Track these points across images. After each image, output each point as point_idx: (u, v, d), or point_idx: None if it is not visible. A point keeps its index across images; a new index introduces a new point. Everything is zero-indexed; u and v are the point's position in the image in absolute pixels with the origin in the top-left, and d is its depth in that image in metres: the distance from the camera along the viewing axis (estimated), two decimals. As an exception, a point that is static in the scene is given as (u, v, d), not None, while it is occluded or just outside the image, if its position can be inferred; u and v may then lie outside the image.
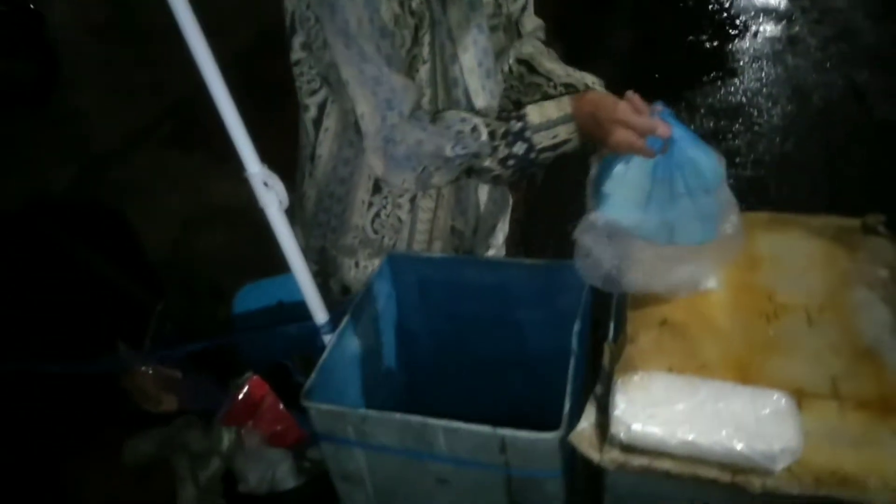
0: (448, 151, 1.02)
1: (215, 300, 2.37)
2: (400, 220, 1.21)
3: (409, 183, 1.06)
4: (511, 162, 1.03)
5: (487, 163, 1.03)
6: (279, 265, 1.20)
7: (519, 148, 1.02)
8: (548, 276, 1.17)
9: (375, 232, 1.22)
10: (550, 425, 1.08)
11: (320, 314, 1.11)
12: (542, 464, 0.88)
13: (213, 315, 2.36)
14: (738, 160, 2.89)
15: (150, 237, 2.47)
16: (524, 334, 1.27)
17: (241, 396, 1.39)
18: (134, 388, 1.27)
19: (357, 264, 1.26)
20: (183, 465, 1.21)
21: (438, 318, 1.29)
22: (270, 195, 0.99)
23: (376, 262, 1.23)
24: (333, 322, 1.14)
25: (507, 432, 0.85)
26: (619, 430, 0.78)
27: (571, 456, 0.90)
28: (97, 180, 2.72)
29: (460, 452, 0.91)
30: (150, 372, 1.29)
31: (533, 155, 1.02)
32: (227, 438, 1.28)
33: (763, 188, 2.75)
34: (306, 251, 1.30)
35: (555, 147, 1.02)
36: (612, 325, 1.01)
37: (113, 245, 2.19)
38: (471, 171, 1.06)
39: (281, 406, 1.41)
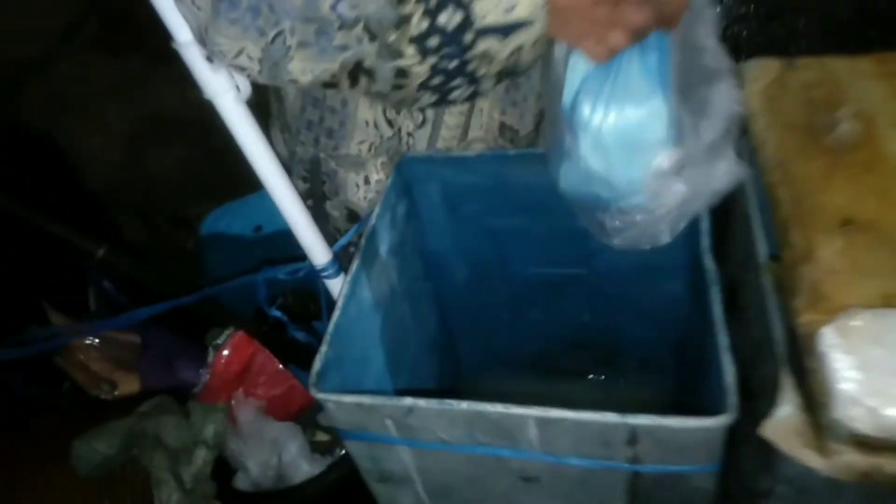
0: (325, 8, 0.59)
1: (179, 230, 2.02)
2: (423, 110, 0.84)
3: (246, 57, 0.62)
4: (432, 44, 0.60)
5: (392, 39, 0.60)
6: (252, 182, 0.85)
7: (447, 18, 0.59)
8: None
9: (391, 125, 0.85)
10: (663, 384, 0.78)
11: (319, 253, 0.77)
12: (693, 457, 0.58)
13: (179, 248, 2.02)
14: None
15: (89, 162, 2.06)
16: (594, 250, 0.94)
17: (223, 360, 1.08)
18: (76, 369, 0.94)
19: (367, 180, 0.90)
20: (158, 463, 0.91)
21: (474, 238, 0.96)
22: (220, 78, 0.62)
23: (391, 172, 0.88)
24: (338, 262, 0.80)
25: (643, 421, 0.54)
26: (853, 415, 0.47)
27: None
28: (14, 99, 2.24)
29: (561, 446, 0.61)
30: (97, 343, 0.95)
31: (468, 38, 0.60)
32: (212, 419, 0.97)
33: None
34: (291, 163, 0.94)
35: (506, 30, 0.60)
36: (758, 234, 0.68)
37: (43, 178, 1.79)
38: (359, 68, 0.62)
39: (279, 365, 1.10)
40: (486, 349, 1.17)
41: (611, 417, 0.55)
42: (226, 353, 1.07)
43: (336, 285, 0.80)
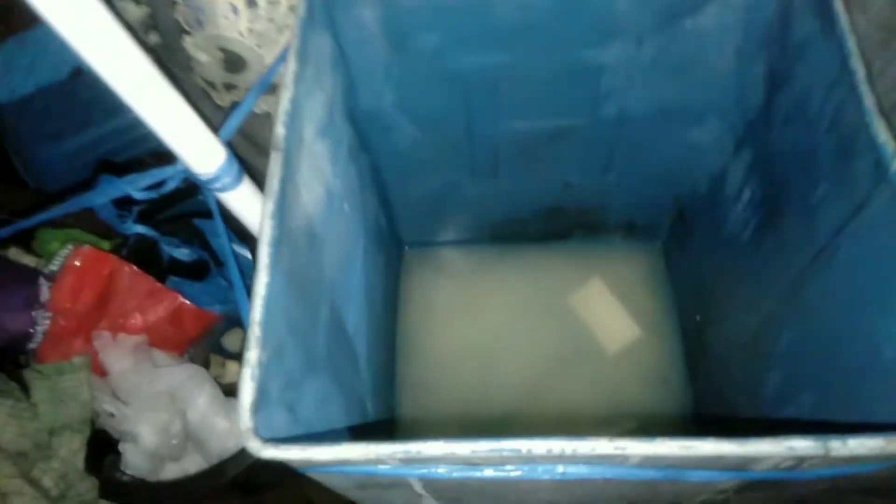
0: None
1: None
2: None
3: None
4: None
5: None
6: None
7: None
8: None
9: None
10: (650, 247, 0.60)
11: (204, 154, 0.43)
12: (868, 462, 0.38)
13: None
14: None
15: None
16: (607, 92, 0.65)
17: (67, 291, 0.73)
18: None
19: (251, 1, 0.53)
20: (3, 469, 0.60)
21: (429, 86, 0.64)
22: None
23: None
24: (235, 162, 0.47)
25: (856, 446, 0.32)
26: None
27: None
28: None
29: (670, 463, 0.38)
30: None
31: None
32: (69, 385, 0.67)
33: None
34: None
35: None
36: None
37: None
38: None
39: (154, 282, 0.77)
40: (435, 222, 0.91)
41: (800, 443, 0.32)
42: (69, 279, 0.72)
43: (235, 200, 0.48)
